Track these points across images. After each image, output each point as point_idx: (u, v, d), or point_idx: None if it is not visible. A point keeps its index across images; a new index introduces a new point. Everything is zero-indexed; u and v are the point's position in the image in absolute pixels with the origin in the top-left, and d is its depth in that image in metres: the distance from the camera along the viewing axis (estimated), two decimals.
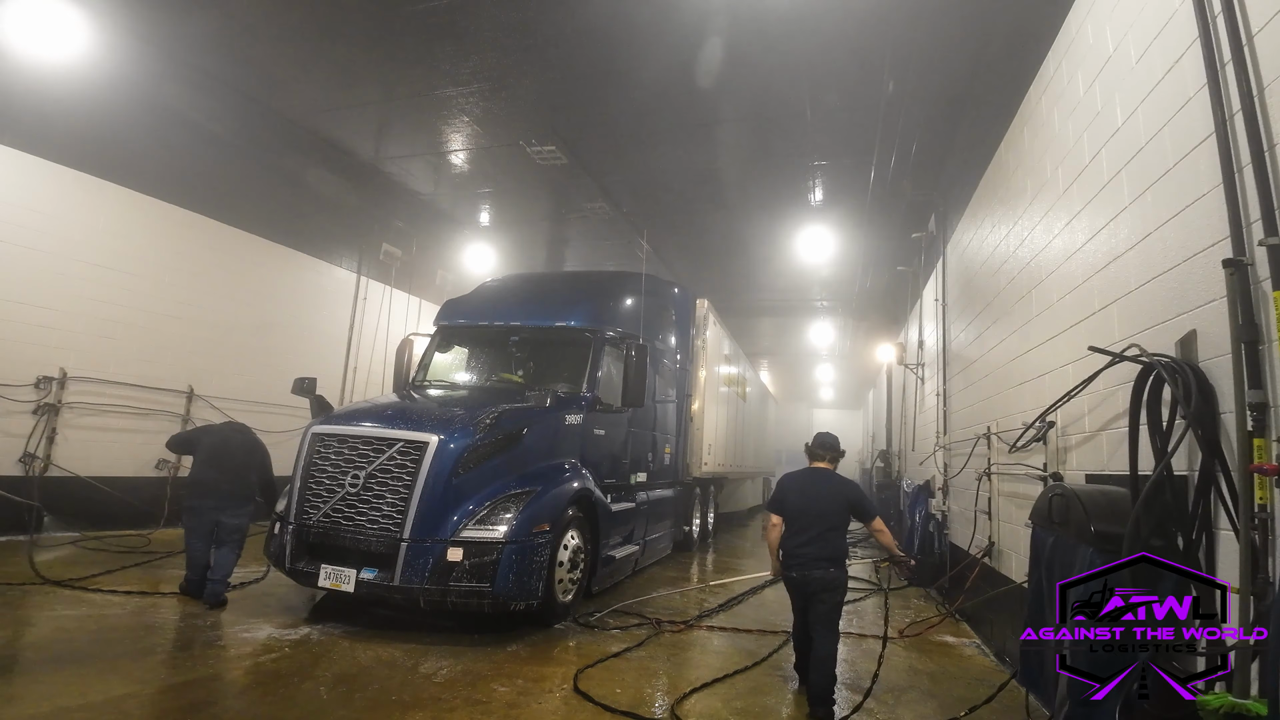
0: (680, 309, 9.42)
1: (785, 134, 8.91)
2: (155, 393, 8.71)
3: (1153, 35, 3.18)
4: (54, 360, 7.68)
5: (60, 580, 5.57)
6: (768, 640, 5.45)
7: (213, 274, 9.54)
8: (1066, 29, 4.39)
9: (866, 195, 9.85)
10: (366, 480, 5.10)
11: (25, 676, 3.69)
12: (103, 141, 8.13)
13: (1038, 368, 4.75)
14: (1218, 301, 2.55)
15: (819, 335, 19.43)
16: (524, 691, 3.97)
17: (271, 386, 9.86)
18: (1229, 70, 2.55)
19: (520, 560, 4.99)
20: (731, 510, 14.88)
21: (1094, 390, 3.69)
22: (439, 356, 7.46)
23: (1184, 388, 2.57)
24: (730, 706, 3.96)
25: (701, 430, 9.80)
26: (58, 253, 7.70)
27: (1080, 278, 4.02)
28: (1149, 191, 3.18)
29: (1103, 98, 3.77)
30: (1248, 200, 2.44)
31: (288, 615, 5.21)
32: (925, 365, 10.16)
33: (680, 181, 10.69)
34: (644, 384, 6.68)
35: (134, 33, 7.53)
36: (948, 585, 7.12)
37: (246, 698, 3.70)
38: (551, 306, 7.32)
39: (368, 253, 12.27)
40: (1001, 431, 5.49)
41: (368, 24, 7.10)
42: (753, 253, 13.81)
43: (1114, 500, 2.98)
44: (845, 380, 26.83)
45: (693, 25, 6.68)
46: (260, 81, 8.54)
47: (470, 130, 9.35)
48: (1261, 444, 2.23)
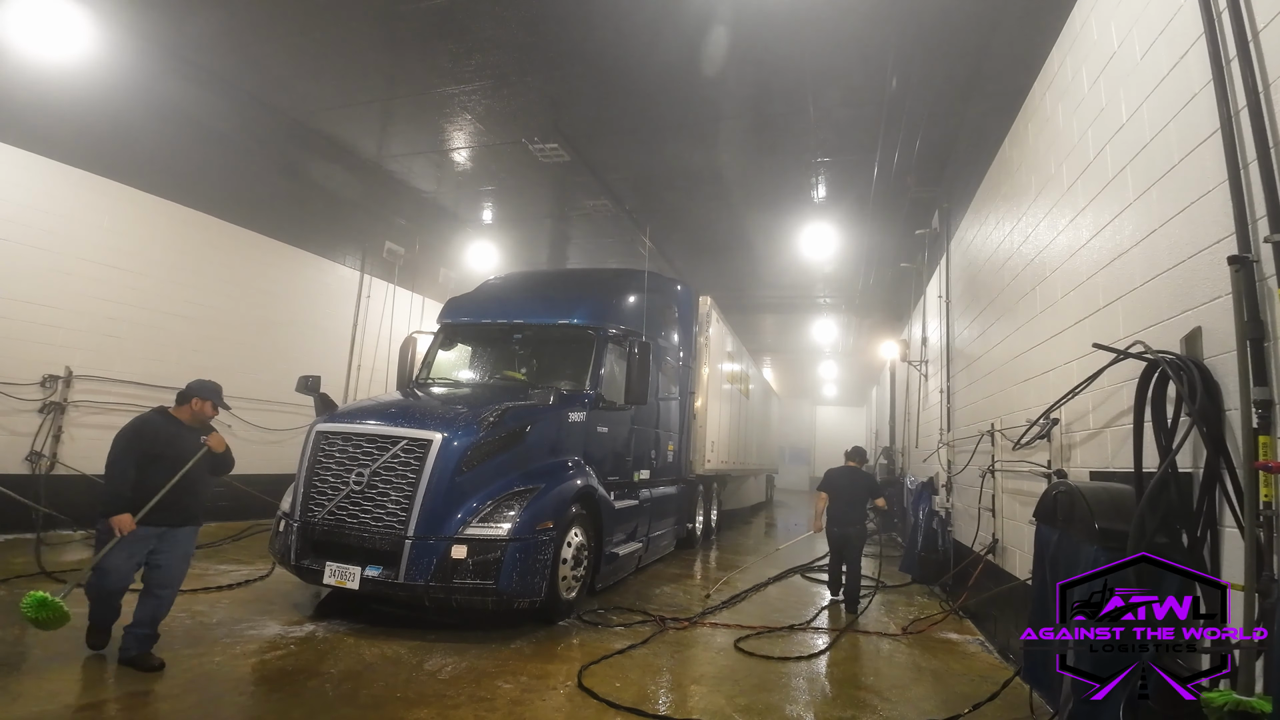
0: (683, 306, 9.41)
1: (788, 131, 8.89)
2: (160, 391, 8.71)
3: (1158, 31, 3.16)
4: (60, 359, 7.71)
5: (63, 575, 5.59)
6: (771, 637, 5.46)
7: (217, 272, 9.57)
8: (1071, 24, 4.37)
9: (870, 192, 9.82)
10: (371, 478, 5.11)
11: (32, 674, 3.71)
12: (107, 140, 8.15)
13: (1042, 364, 4.74)
14: (1223, 298, 2.54)
15: (822, 332, 19.40)
16: (528, 688, 3.98)
17: (276, 384, 9.89)
18: (1234, 66, 2.54)
19: (524, 558, 5.00)
20: (735, 508, 14.88)
21: (1098, 387, 3.68)
22: (442, 354, 7.47)
23: (1189, 385, 2.56)
24: (734, 704, 3.97)
25: (704, 427, 9.80)
26: (63, 251, 7.73)
27: (1085, 274, 4.01)
28: (1154, 188, 3.17)
29: (1107, 94, 3.75)
30: (1253, 197, 2.43)
31: (293, 612, 5.23)
32: (929, 362, 10.14)
33: (683, 178, 10.68)
34: (647, 381, 6.68)
35: (138, 32, 7.54)
36: (951, 582, 7.12)
37: (253, 695, 3.72)
38: (554, 304, 7.32)
39: (371, 251, 12.29)
40: (1005, 428, 5.48)
41: (370, 22, 7.10)
42: (755, 249, 13.79)
43: (1118, 497, 2.98)
44: (849, 377, 26.78)
45: (695, 22, 6.67)
46: (263, 80, 8.56)
47: (473, 128, 9.35)
48: (1267, 441, 2.23)
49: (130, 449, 3.97)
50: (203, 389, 4.30)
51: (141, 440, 4.02)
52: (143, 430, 4.06)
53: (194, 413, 4.25)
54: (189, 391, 4.28)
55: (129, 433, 4.04)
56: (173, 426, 4.18)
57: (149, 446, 4.01)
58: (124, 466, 3.92)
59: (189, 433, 4.20)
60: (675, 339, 9.02)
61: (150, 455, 3.99)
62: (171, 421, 4.21)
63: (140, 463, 3.95)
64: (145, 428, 4.08)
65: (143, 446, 4.00)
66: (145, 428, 4.08)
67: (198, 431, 4.24)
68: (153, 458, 3.99)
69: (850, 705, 4.06)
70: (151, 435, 4.06)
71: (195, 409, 4.25)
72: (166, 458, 4.02)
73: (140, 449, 3.99)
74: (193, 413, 4.25)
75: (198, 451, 4.14)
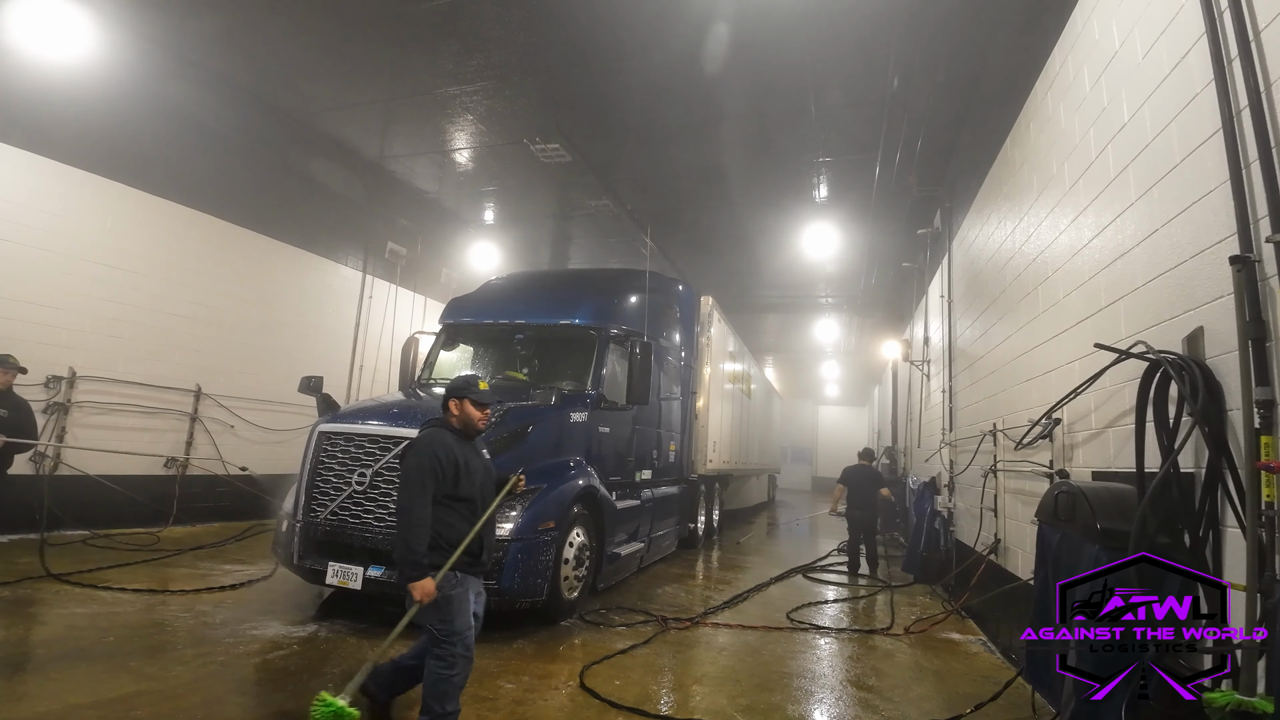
0: (685, 306, 9.41)
1: (789, 130, 8.88)
2: (163, 391, 8.77)
3: (1159, 30, 3.16)
4: (63, 359, 7.73)
5: (67, 575, 5.62)
6: (773, 636, 5.46)
7: (220, 273, 9.59)
8: (1073, 24, 4.36)
9: (871, 191, 9.82)
10: (373, 478, 5.12)
11: (37, 674, 3.73)
12: (110, 142, 8.17)
13: (1044, 364, 4.73)
14: (1225, 298, 2.54)
15: (824, 332, 19.38)
16: (530, 688, 3.99)
17: (278, 385, 9.92)
18: (1236, 65, 2.53)
19: (526, 558, 5.01)
20: (737, 508, 14.88)
21: (1100, 387, 3.67)
22: (444, 354, 7.48)
23: (1191, 385, 2.56)
24: (736, 704, 3.97)
25: (706, 427, 9.80)
26: (66, 253, 7.75)
27: (1086, 274, 4.01)
28: (1156, 187, 3.16)
29: (1109, 93, 3.75)
30: (1255, 196, 2.43)
31: (296, 612, 5.25)
32: (931, 362, 10.13)
33: (684, 178, 10.68)
34: (649, 381, 6.67)
35: (140, 32, 7.57)
36: (953, 582, 7.11)
37: (256, 695, 3.73)
38: (556, 304, 7.33)
39: (373, 251, 12.31)
40: (1008, 428, 5.47)
41: (372, 23, 7.11)
42: (757, 249, 13.79)
43: (1120, 497, 2.97)
44: (850, 377, 26.75)
45: (696, 22, 6.67)
46: (266, 81, 8.58)
47: (474, 128, 9.36)
48: (1269, 441, 2.22)
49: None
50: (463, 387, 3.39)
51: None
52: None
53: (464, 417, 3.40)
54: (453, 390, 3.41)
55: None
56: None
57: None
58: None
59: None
60: (677, 339, 9.02)
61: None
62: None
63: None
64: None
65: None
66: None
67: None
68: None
69: (853, 705, 4.06)
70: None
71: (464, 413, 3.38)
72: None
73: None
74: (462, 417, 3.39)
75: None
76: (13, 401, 5.89)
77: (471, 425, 3.36)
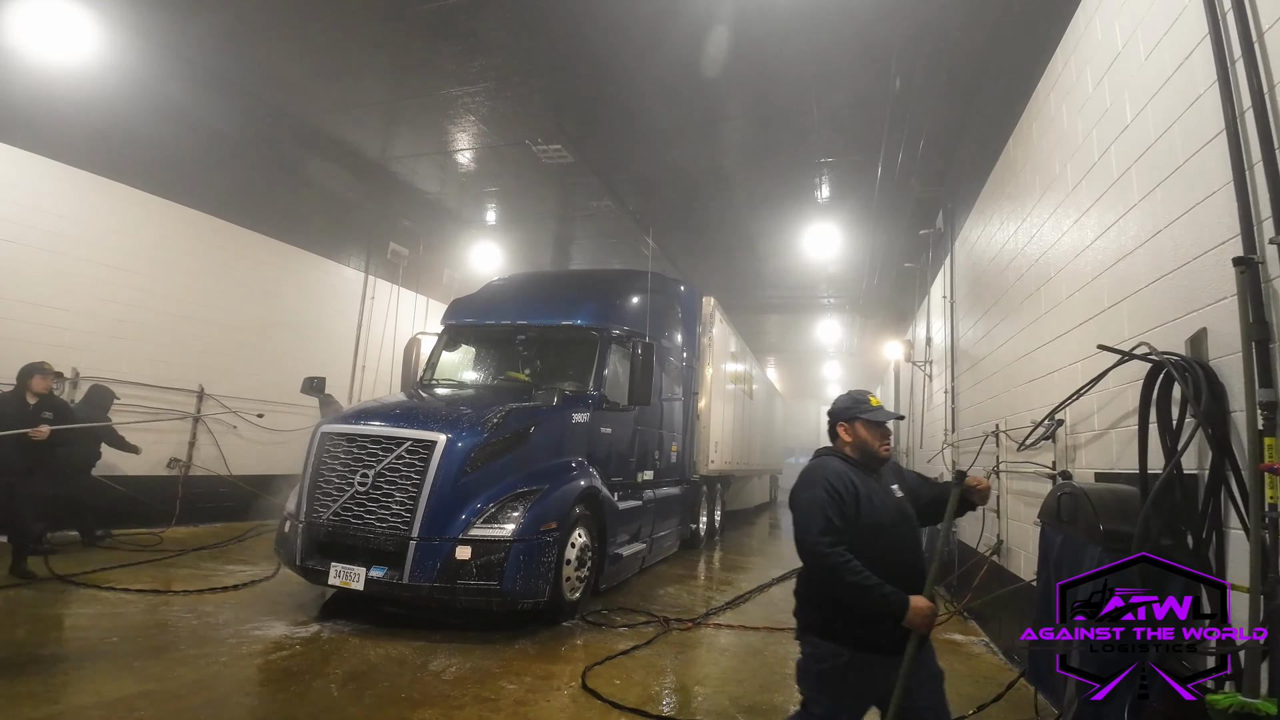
0: (686, 307, 9.41)
1: (791, 131, 8.88)
2: (166, 392, 8.78)
3: (1162, 31, 3.15)
4: (67, 360, 7.73)
5: (70, 576, 5.64)
6: (776, 637, 5.46)
7: (222, 274, 9.60)
8: (1075, 25, 4.36)
9: (873, 192, 9.81)
10: (375, 479, 5.13)
11: (41, 674, 3.73)
12: (112, 143, 8.19)
13: (1046, 365, 4.73)
14: (1228, 299, 2.53)
15: (826, 333, 19.38)
16: (532, 689, 3.99)
17: (281, 385, 9.94)
18: (1239, 67, 2.53)
19: (528, 558, 5.02)
20: (739, 508, 14.87)
21: (1103, 388, 3.67)
22: (446, 355, 7.49)
23: (1194, 386, 2.55)
24: (738, 705, 3.98)
25: (708, 428, 9.80)
26: (69, 254, 7.77)
27: (1089, 275, 4.00)
28: (1159, 189, 3.16)
29: (1112, 94, 3.74)
30: (1258, 197, 2.42)
31: (298, 613, 5.25)
32: (933, 363, 10.12)
33: (686, 179, 10.68)
34: (650, 382, 6.68)
35: (143, 34, 7.58)
36: (956, 583, 7.10)
37: (259, 695, 3.74)
38: (558, 305, 7.33)
39: (375, 252, 12.32)
40: (1010, 429, 5.47)
41: (374, 24, 7.13)
42: (759, 250, 13.79)
43: (1123, 499, 2.97)
44: (852, 377, 26.69)
45: (698, 22, 6.67)
46: (268, 82, 8.59)
47: (476, 129, 9.37)
48: (1272, 443, 2.22)
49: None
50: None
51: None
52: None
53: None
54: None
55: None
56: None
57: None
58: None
59: None
60: (679, 339, 9.02)
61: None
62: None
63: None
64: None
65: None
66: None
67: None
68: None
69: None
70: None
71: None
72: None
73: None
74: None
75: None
76: (55, 404, 6.11)
77: (872, 453, 2.76)
